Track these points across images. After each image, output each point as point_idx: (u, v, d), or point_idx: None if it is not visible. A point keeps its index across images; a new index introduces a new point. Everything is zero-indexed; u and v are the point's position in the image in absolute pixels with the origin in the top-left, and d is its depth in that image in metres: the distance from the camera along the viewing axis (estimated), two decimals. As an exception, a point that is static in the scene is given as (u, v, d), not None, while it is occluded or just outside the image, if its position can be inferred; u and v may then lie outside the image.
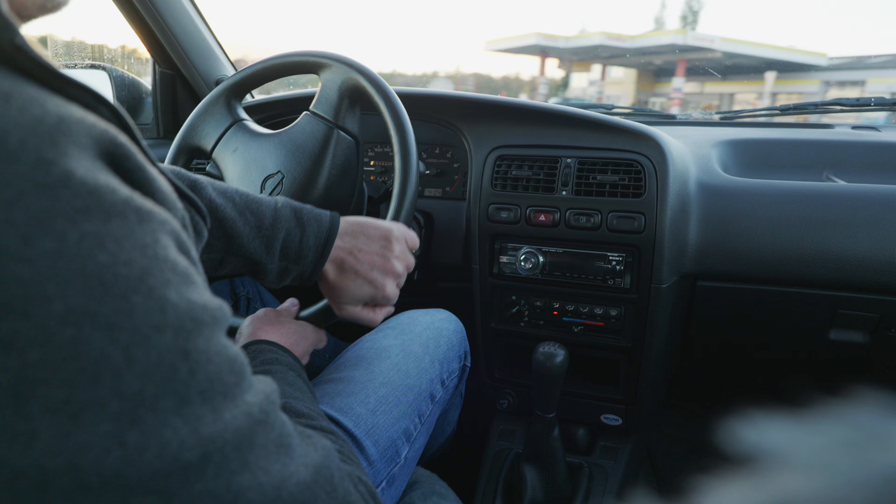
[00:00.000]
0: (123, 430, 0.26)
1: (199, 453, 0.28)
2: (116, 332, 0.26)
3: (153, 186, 0.32)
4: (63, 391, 0.25)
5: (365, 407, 0.73)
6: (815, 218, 0.93)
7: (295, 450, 0.35)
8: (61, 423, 0.25)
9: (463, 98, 1.09)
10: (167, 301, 0.28)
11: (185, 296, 0.30)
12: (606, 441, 1.12)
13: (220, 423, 0.30)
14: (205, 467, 0.29)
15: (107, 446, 0.26)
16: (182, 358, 0.29)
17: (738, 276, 0.98)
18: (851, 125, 1.33)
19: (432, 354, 0.84)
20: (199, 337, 0.30)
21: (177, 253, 0.31)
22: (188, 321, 0.29)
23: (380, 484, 0.71)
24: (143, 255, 0.28)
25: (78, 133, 0.28)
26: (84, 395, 0.25)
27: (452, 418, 1.00)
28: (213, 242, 0.62)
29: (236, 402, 0.31)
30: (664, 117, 1.43)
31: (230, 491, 0.30)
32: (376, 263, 0.67)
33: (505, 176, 1.02)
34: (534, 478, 0.99)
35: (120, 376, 0.26)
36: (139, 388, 0.27)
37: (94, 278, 0.26)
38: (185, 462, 0.28)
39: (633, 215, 0.94)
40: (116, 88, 1.25)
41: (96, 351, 0.26)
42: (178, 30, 1.21)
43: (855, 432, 0.18)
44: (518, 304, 1.06)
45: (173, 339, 0.28)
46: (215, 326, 0.31)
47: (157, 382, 0.27)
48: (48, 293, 0.25)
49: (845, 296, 0.94)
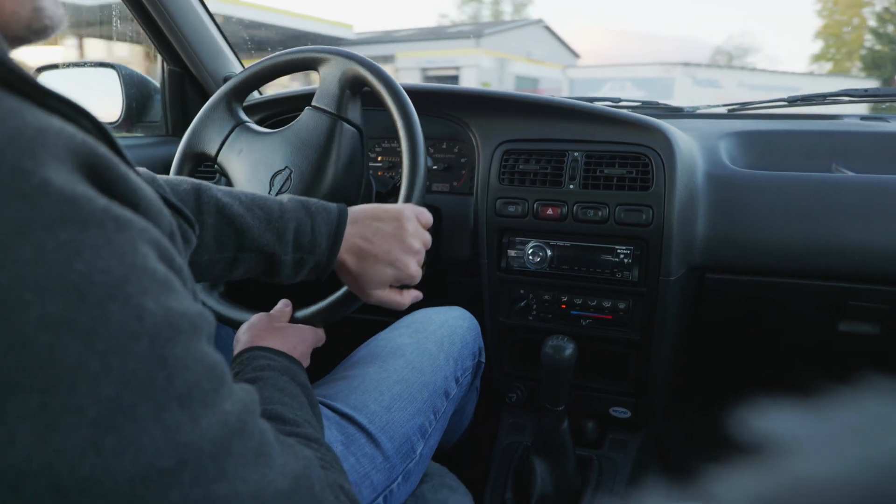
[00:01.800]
0: (100, 436, 0.26)
1: (175, 460, 0.29)
2: (93, 339, 0.27)
3: (137, 195, 0.32)
4: (40, 397, 0.25)
5: (380, 404, 0.73)
6: (823, 209, 0.92)
7: (274, 459, 0.35)
8: (38, 429, 0.25)
9: (470, 92, 1.09)
10: (144, 309, 0.29)
11: (163, 303, 0.30)
12: (616, 434, 1.13)
13: (197, 431, 0.30)
14: (181, 475, 0.29)
15: (83, 452, 0.26)
16: (159, 365, 0.29)
17: (747, 268, 0.98)
18: (860, 116, 1.32)
19: (447, 352, 0.85)
20: (177, 344, 0.30)
21: (157, 261, 0.31)
22: (165, 328, 0.29)
23: (395, 479, 0.72)
24: (121, 264, 0.28)
25: (56, 144, 0.28)
26: (61, 400, 0.26)
27: (468, 414, 1.01)
28: (225, 241, 0.62)
29: (214, 409, 0.31)
30: (671, 110, 1.43)
31: (207, 498, 0.30)
32: (393, 244, 0.67)
33: (512, 170, 1.02)
34: (543, 471, 0.99)
35: (97, 383, 0.26)
36: (116, 394, 0.27)
37: (71, 286, 0.26)
38: (161, 469, 0.28)
39: (641, 208, 0.94)
40: (125, 86, 1.26)
41: (73, 358, 0.26)
42: (187, 28, 1.22)
43: (865, 419, 0.18)
44: (526, 298, 1.06)
45: (150, 347, 0.28)
46: (194, 334, 0.31)
47: (135, 389, 0.28)
48: (26, 299, 0.25)
49: (855, 287, 0.94)
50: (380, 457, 0.70)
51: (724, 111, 1.41)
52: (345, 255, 0.66)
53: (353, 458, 0.68)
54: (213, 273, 0.64)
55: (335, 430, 0.69)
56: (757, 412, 0.18)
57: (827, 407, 0.18)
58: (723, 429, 0.19)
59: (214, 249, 0.62)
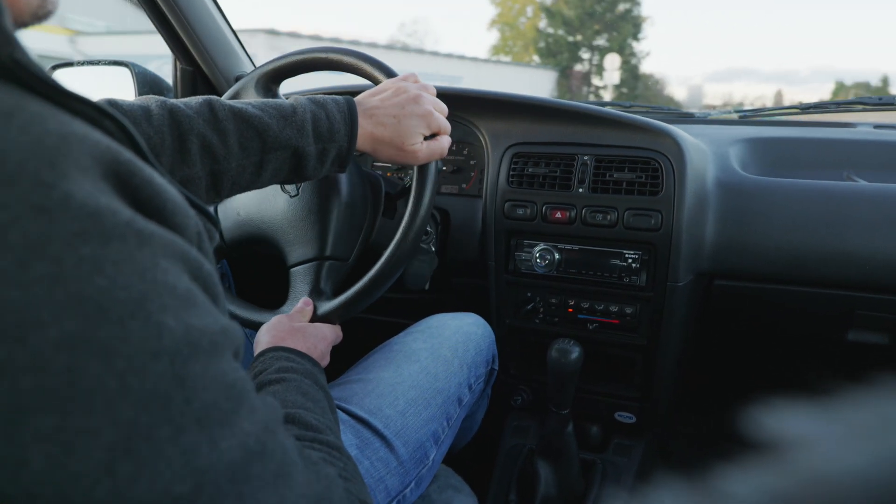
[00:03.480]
0: (116, 460, 0.26)
1: (191, 485, 0.28)
2: (112, 358, 0.26)
3: (163, 199, 0.32)
4: (56, 419, 0.24)
5: (395, 409, 0.73)
6: (834, 217, 0.92)
7: (295, 479, 0.34)
8: (53, 452, 0.24)
9: (480, 95, 1.09)
10: (164, 326, 0.28)
11: (184, 320, 0.29)
12: (620, 438, 1.12)
13: (215, 454, 0.29)
14: (197, 499, 0.28)
15: (97, 476, 0.25)
16: (178, 385, 0.28)
17: (756, 275, 0.97)
18: (874, 124, 1.31)
19: (461, 358, 0.85)
20: (196, 363, 0.29)
21: (179, 275, 0.30)
22: (185, 347, 0.29)
23: (409, 484, 0.72)
24: (142, 280, 0.27)
25: (79, 153, 0.27)
26: (77, 422, 0.25)
27: (478, 420, 1.01)
28: (249, 144, 0.63)
29: (233, 430, 0.30)
30: (682, 115, 1.42)
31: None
32: (404, 101, 0.69)
33: (521, 173, 1.02)
34: (547, 473, 0.99)
35: (114, 405, 0.26)
36: (134, 416, 0.26)
37: (90, 303, 0.25)
38: (177, 495, 0.27)
39: (650, 213, 0.93)
40: (139, 85, 1.27)
41: (91, 378, 0.25)
42: (199, 27, 1.23)
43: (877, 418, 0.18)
44: (533, 301, 1.06)
45: (169, 366, 0.28)
46: (214, 352, 0.31)
47: (153, 411, 0.27)
48: (43, 319, 0.24)
49: (865, 296, 0.93)
50: (394, 461, 0.70)
51: (736, 117, 1.40)
52: (365, 129, 0.68)
53: (368, 461, 0.68)
54: (242, 179, 0.65)
55: (350, 433, 0.69)
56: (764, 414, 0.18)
57: (837, 407, 0.18)
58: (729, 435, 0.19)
59: (240, 155, 0.63)
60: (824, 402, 0.19)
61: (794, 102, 2.68)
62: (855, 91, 49.75)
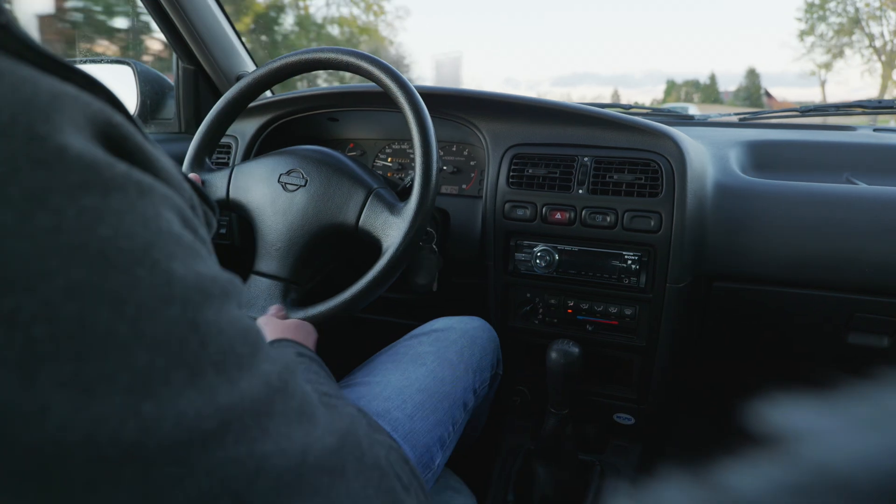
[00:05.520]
0: (137, 402, 0.26)
1: (217, 422, 0.28)
2: (123, 305, 0.26)
3: (156, 165, 0.31)
4: (72, 365, 0.24)
5: (402, 412, 0.73)
6: (834, 220, 0.92)
7: (318, 418, 0.34)
8: (73, 397, 0.24)
9: (481, 96, 1.09)
10: (173, 274, 0.28)
11: (193, 268, 0.29)
12: (618, 440, 1.13)
13: (236, 393, 0.29)
14: (224, 436, 0.28)
15: (122, 418, 0.25)
16: (191, 330, 0.28)
17: (755, 277, 0.98)
18: (873, 127, 1.31)
19: (466, 362, 0.85)
20: (209, 309, 0.29)
21: (181, 228, 0.30)
22: (196, 293, 0.29)
23: None
24: (146, 229, 0.27)
25: (73, 110, 0.27)
26: (94, 368, 0.25)
27: (479, 424, 1.01)
28: None
29: (252, 371, 0.30)
30: (682, 117, 1.43)
31: (253, 457, 0.29)
32: None
33: (521, 174, 1.02)
34: (545, 474, 0.99)
35: (128, 350, 0.26)
36: (149, 361, 0.26)
37: (96, 253, 0.25)
38: (204, 431, 0.27)
39: (650, 215, 0.94)
40: (140, 83, 1.27)
41: (103, 325, 0.25)
42: (201, 26, 1.23)
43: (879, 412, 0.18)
44: (532, 302, 1.06)
45: (181, 312, 0.28)
46: (225, 298, 0.30)
47: (167, 356, 0.27)
48: (50, 268, 0.24)
49: (864, 299, 0.94)
50: None
51: (736, 120, 1.41)
52: None
53: None
54: None
55: None
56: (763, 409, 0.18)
57: (837, 403, 0.18)
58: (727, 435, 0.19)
59: None
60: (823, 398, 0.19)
61: (630, 102, 2.72)
62: (686, 88, 50.82)
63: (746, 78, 46.75)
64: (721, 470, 0.18)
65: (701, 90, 50.47)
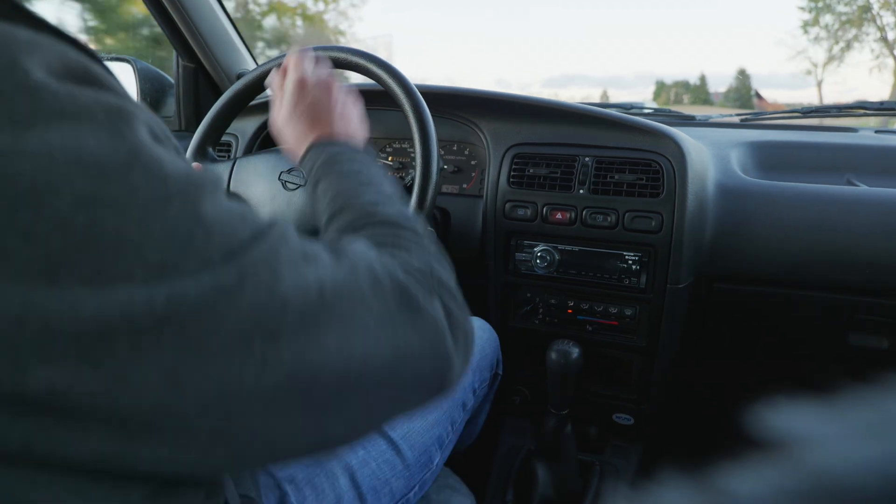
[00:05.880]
0: (157, 288, 0.28)
1: (235, 276, 0.31)
2: (126, 210, 0.28)
3: (119, 90, 0.33)
4: (91, 266, 0.27)
5: None
6: (835, 221, 0.92)
7: (322, 258, 0.37)
8: (98, 292, 0.27)
9: (482, 95, 1.09)
10: (166, 174, 0.30)
11: (181, 166, 0.31)
12: (618, 440, 1.12)
13: (248, 258, 0.32)
14: (243, 285, 0.31)
15: (149, 300, 0.28)
16: (195, 224, 0.30)
17: (755, 278, 0.97)
18: (875, 129, 1.31)
19: None
20: (205, 201, 0.31)
21: (155, 137, 0.32)
22: (191, 187, 0.31)
23: (413, 488, 0.72)
24: (125, 140, 0.29)
25: (50, 53, 0.29)
26: (111, 268, 0.27)
27: (479, 423, 1.01)
28: None
29: (253, 249, 0.33)
30: (683, 118, 1.42)
31: (275, 298, 0.32)
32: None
33: (522, 174, 1.02)
34: (545, 474, 0.99)
35: (140, 249, 0.28)
36: (160, 258, 0.28)
37: (90, 166, 0.27)
38: (226, 286, 0.30)
39: (650, 215, 0.93)
40: (140, 80, 1.27)
41: (112, 230, 0.27)
42: (202, 24, 1.23)
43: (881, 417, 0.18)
44: (533, 302, 1.06)
45: (181, 207, 0.30)
46: (216, 189, 0.33)
47: (177, 250, 0.29)
48: (54, 184, 0.26)
49: (865, 300, 0.94)
50: (400, 464, 0.70)
51: (737, 121, 1.40)
52: None
53: (375, 463, 0.68)
54: None
55: None
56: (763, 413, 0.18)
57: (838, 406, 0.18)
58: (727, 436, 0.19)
59: None
60: (824, 401, 0.19)
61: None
62: (675, 89, 51.22)
63: (737, 79, 46.76)
64: (720, 472, 0.18)
65: (691, 91, 50.51)
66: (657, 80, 69.06)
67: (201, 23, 1.22)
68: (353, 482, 0.65)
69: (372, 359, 0.36)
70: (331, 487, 0.63)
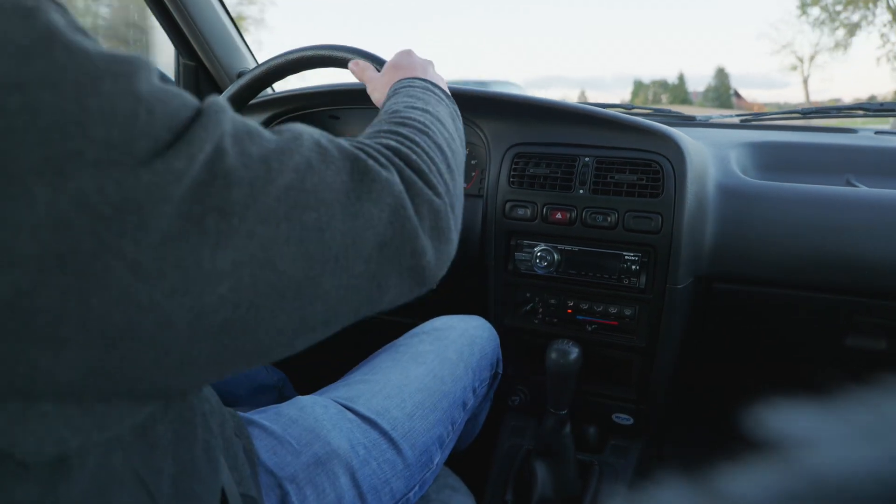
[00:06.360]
0: (109, 171, 0.28)
1: (185, 157, 0.30)
2: (59, 86, 0.27)
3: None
4: (38, 151, 0.26)
5: (402, 411, 0.73)
6: (834, 222, 0.92)
7: (264, 133, 0.37)
8: (51, 179, 0.26)
9: (482, 95, 1.09)
10: (90, 52, 0.29)
11: (103, 47, 0.30)
12: (617, 440, 1.13)
13: (189, 131, 0.32)
14: (192, 164, 0.31)
15: (100, 185, 0.27)
16: (135, 101, 0.29)
17: (755, 279, 0.98)
18: (874, 130, 1.31)
19: (466, 362, 0.84)
20: (139, 80, 0.30)
21: (74, 28, 0.31)
22: (119, 65, 0.30)
23: (413, 488, 0.72)
24: (39, 22, 0.28)
25: None
26: (58, 149, 0.26)
27: (479, 423, 1.01)
28: None
29: (207, 131, 0.32)
30: (684, 118, 1.43)
31: (218, 175, 0.32)
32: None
33: (522, 173, 1.02)
34: (544, 474, 0.99)
35: (83, 126, 0.27)
36: (106, 134, 0.28)
37: (6, 47, 0.26)
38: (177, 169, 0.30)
39: (650, 215, 0.94)
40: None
41: (50, 108, 0.27)
42: (202, 22, 1.23)
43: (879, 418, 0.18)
44: (532, 302, 1.06)
45: (114, 84, 0.29)
46: (148, 69, 0.31)
47: (122, 127, 0.28)
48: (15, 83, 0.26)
49: (864, 301, 0.94)
50: (401, 464, 0.70)
51: (737, 121, 1.40)
52: None
53: (375, 463, 0.68)
54: None
55: (358, 433, 0.68)
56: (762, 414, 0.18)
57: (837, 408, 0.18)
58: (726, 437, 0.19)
59: None
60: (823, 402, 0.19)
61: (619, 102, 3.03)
62: (653, 89, 51.13)
63: (715, 78, 46.77)
64: (719, 474, 0.18)
65: (669, 91, 50.54)
66: (635, 80, 69.30)
67: (201, 21, 1.22)
68: (354, 481, 0.65)
69: (330, 230, 0.36)
70: (331, 487, 0.63)
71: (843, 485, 0.16)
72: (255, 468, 0.57)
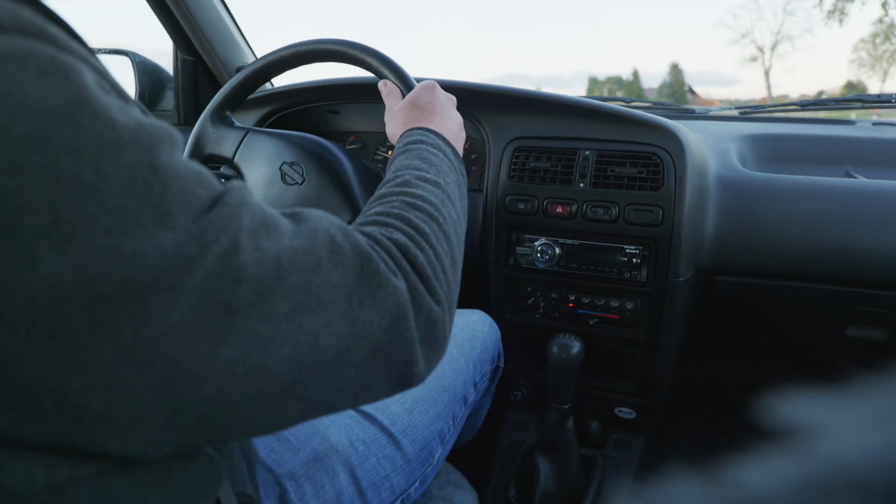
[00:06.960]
0: (117, 243, 0.27)
1: (196, 247, 0.30)
2: (80, 152, 0.27)
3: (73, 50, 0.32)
4: (49, 214, 0.26)
5: (401, 406, 0.72)
6: (833, 213, 0.92)
7: (283, 226, 0.36)
8: (57, 244, 0.26)
9: (482, 88, 1.09)
10: (116, 121, 0.29)
11: (132, 116, 0.30)
12: (619, 434, 1.13)
13: (206, 220, 0.31)
14: (205, 256, 0.30)
15: (108, 258, 0.27)
16: (151, 172, 0.29)
17: (755, 271, 0.98)
18: (872, 121, 1.31)
19: (467, 356, 0.84)
20: (162, 153, 0.30)
21: (103, 87, 0.31)
22: (145, 137, 0.30)
23: (413, 483, 0.71)
24: (73, 85, 0.28)
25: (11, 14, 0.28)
26: (69, 214, 0.26)
27: (481, 417, 1.01)
28: None
29: (213, 210, 0.32)
30: (683, 111, 1.42)
31: (230, 269, 0.31)
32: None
33: (522, 167, 1.02)
34: (547, 469, 0.99)
35: (98, 193, 0.27)
36: (121, 203, 0.28)
37: (36, 109, 0.26)
38: (187, 256, 0.29)
39: (651, 208, 0.93)
40: (139, 74, 1.26)
41: (67, 172, 0.26)
42: (201, 17, 1.22)
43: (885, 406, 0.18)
44: (533, 296, 1.06)
45: (137, 156, 0.29)
46: (172, 143, 0.32)
47: (136, 196, 0.28)
48: (1, 124, 0.25)
49: (864, 292, 0.94)
50: (401, 459, 0.69)
51: (736, 114, 1.40)
52: None
53: (375, 458, 0.68)
54: None
55: (357, 429, 0.68)
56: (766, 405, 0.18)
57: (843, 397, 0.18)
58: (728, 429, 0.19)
59: None
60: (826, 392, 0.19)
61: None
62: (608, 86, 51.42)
63: (670, 74, 46.91)
64: (723, 465, 0.18)
65: (624, 87, 50.78)
66: (590, 76, 69.88)
67: (200, 15, 1.22)
68: (353, 477, 0.65)
69: (326, 335, 0.35)
70: (330, 483, 0.63)
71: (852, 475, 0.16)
72: (252, 466, 0.57)
